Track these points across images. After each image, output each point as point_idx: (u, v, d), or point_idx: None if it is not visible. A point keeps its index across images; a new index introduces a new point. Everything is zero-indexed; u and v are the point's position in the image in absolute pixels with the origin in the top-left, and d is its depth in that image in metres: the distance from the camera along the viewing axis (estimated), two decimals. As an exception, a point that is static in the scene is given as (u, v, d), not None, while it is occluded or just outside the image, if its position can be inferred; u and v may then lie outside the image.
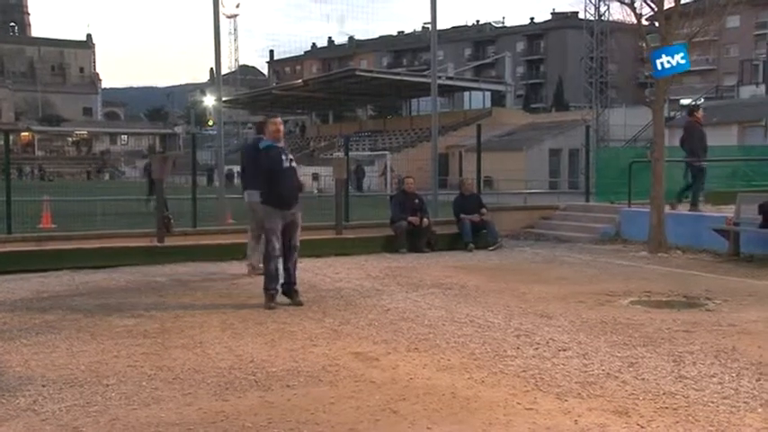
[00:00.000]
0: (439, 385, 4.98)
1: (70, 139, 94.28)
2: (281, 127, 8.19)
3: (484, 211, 13.49)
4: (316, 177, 40.60)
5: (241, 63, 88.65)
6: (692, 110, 12.19)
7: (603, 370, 5.30)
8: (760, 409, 4.44)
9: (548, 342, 6.14)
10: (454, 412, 4.44)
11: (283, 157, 7.87)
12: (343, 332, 6.62)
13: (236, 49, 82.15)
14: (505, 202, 18.06)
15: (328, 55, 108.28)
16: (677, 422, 4.22)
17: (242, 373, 5.29)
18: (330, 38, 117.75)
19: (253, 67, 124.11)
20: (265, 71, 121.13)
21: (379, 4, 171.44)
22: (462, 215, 13.30)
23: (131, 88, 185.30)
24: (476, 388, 4.92)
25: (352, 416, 4.40)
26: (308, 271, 10.30)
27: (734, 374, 5.15)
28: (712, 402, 4.56)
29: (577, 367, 5.37)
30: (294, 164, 8.02)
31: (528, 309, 7.58)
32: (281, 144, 8.11)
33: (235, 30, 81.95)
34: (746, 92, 41.41)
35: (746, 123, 29.81)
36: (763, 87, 38.58)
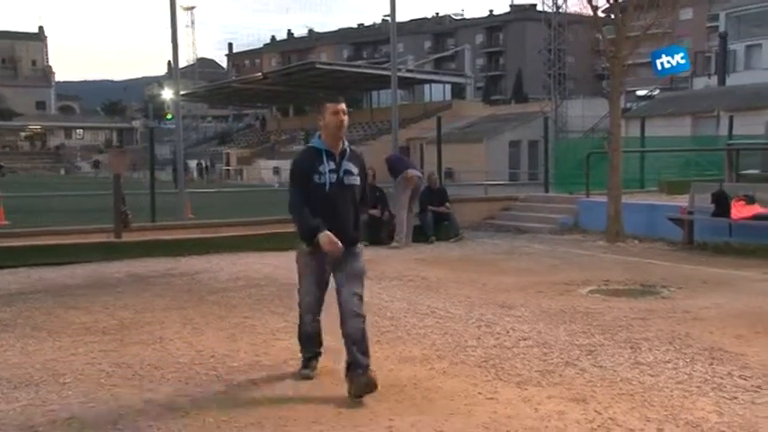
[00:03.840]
0: (401, 377, 5.01)
1: (23, 133, 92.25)
2: (344, 116, 4.66)
3: (448, 204, 13.63)
4: (277, 171, 40.41)
5: (199, 56, 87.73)
6: None
7: (563, 358, 5.38)
8: (711, 393, 4.55)
9: (508, 332, 6.20)
10: (416, 403, 4.47)
11: (323, 168, 4.63)
12: (304, 326, 6.60)
13: (194, 42, 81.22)
14: (466, 194, 18.17)
15: (288, 48, 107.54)
16: (633, 408, 4.30)
17: (203, 369, 5.25)
18: (289, 30, 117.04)
19: (211, 60, 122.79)
20: (224, 64, 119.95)
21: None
22: (427, 207, 13.37)
23: (86, 82, 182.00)
24: (437, 378, 4.96)
25: (314, 409, 4.40)
26: (270, 265, 10.25)
27: (688, 360, 5.27)
28: (667, 387, 4.66)
29: (537, 356, 5.44)
30: (355, 178, 4.71)
31: (489, 299, 7.65)
32: (340, 144, 4.72)
33: (192, 22, 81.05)
34: (700, 83, 42.23)
35: (700, 114, 30.37)
36: (715, 79, 39.34)
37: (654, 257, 10.55)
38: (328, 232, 4.52)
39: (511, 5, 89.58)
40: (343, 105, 4.65)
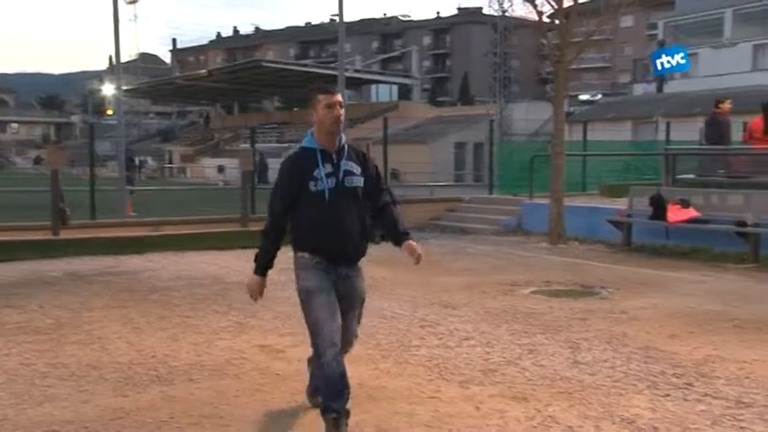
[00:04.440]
0: (344, 376, 5.00)
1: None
2: (340, 110, 3.88)
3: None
4: (221, 169, 39.94)
5: (142, 51, 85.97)
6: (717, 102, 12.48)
7: (504, 358, 5.45)
8: (646, 391, 4.67)
9: (452, 332, 6.26)
10: (360, 402, 4.47)
11: (319, 173, 3.80)
12: (248, 325, 6.55)
13: (137, 36, 79.67)
14: (412, 195, 18.26)
15: (234, 45, 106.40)
16: (572, 405, 4.39)
17: (143, 369, 5.17)
18: (235, 28, 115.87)
19: (154, 56, 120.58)
20: (168, 60, 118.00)
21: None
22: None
23: (22, 74, 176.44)
24: (381, 378, 4.98)
25: (256, 408, 4.37)
26: (213, 264, 10.14)
27: (624, 359, 5.40)
28: (604, 386, 4.76)
29: (480, 355, 5.50)
30: (358, 178, 3.89)
31: (433, 299, 7.71)
32: (336, 142, 3.89)
33: (135, 16, 79.48)
34: (640, 89, 43.27)
35: (639, 120, 31.14)
36: (654, 85, 40.35)
37: (594, 259, 10.77)
38: (258, 279, 4.04)
39: (458, 8, 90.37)
40: (339, 97, 3.89)
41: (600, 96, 49.51)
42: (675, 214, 10.83)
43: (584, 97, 53.62)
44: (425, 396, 4.59)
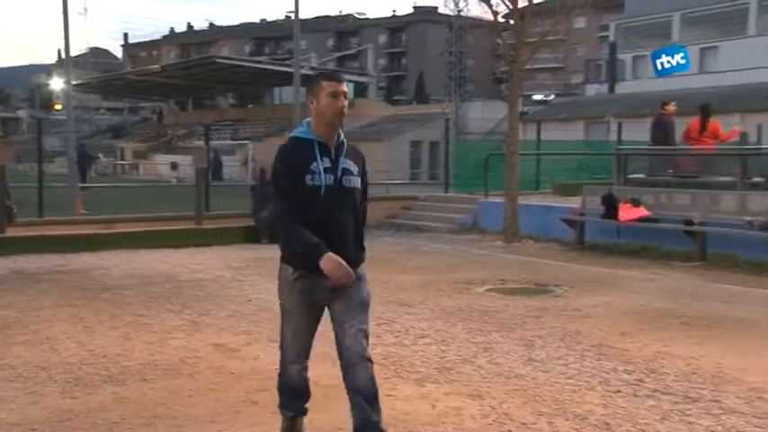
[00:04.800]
0: (300, 375, 4.98)
1: None
2: (345, 101, 3.50)
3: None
4: (174, 166, 39.38)
5: (92, 45, 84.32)
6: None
7: (460, 355, 5.48)
8: (598, 387, 4.75)
9: (407, 330, 6.28)
10: (316, 401, 4.44)
11: (317, 166, 3.41)
12: (202, 323, 6.48)
13: (87, 30, 78.14)
14: (368, 193, 18.25)
15: (187, 41, 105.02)
16: (526, 402, 4.44)
17: (94, 369, 5.07)
18: (189, 23, 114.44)
19: (105, 50, 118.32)
20: (119, 54, 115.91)
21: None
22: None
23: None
24: (337, 377, 4.95)
25: (211, 408, 4.32)
26: (167, 262, 10.00)
27: (577, 356, 5.48)
28: (558, 383, 4.83)
29: (436, 353, 5.52)
30: (356, 179, 3.53)
31: (389, 297, 7.72)
32: (335, 136, 3.52)
33: (85, 9, 77.93)
34: (592, 90, 43.95)
35: (591, 120, 31.63)
36: (606, 86, 41.03)
37: (547, 257, 10.91)
38: (334, 254, 3.29)
39: (414, 7, 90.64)
40: (345, 86, 3.46)
41: (553, 96, 50.14)
42: (626, 213, 11.03)
43: (537, 97, 54.19)
44: (382, 394, 4.55)
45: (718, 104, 19.79)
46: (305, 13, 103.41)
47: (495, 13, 12.96)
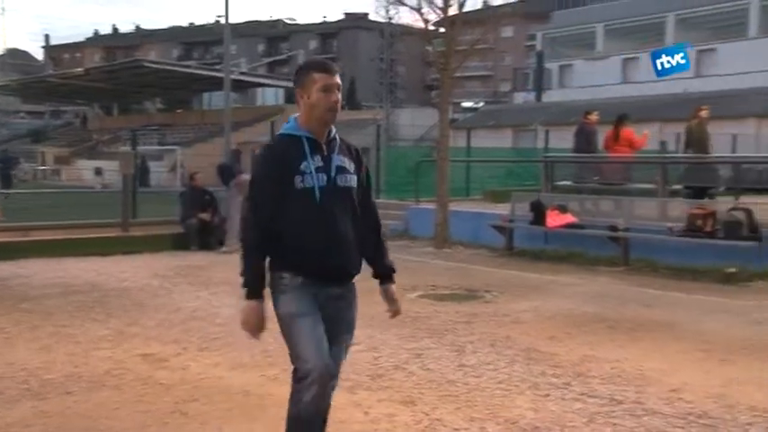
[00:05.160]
0: (231, 384, 4.91)
1: None
2: (338, 94, 3.18)
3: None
4: (99, 172, 38.35)
5: (10, 46, 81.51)
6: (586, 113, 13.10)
7: (392, 362, 5.50)
8: (528, 392, 4.83)
9: (339, 337, 6.25)
10: (247, 411, 4.40)
11: (307, 165, 3.07)
12: (129, 333, 6.32)
13: (4, 31, 75.35)
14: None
15: (112, 43, 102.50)
16: (458, 408, 4.48)
17: (13, 383, 4.88)
18: (114, 25, 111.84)
19: (24, 52, 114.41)
20: (40, 57, 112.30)
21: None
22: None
23: None
24: (268, 385, 4.91)
25: (138, 420, 4.22)
26: (92, 270, 9.72)
27: (508, 361, 5.56)
28: (488, 388, 4.89)
29: (368, 361, 5.52)
30: (352, 177, 3.19)
31: (320, 304, 7.67)
32: (326, 132, 3.19)
33: (3, 9, 75.23)
34: (520, 98, 44.85)
35: (519, 128, 32.24)
36: (533, 94, 41.93)
37: (478, 263, 11.05)
38: (255, 305, 3.07)
39: (345, 13, 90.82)
40: (338, 79, 3.13)
41: (482, 104, 50.98)
42: (554, 219, 11.27)
43: (467, 104, 54.99)
44: (314, 403, 4.56)
45: (640, 114, 20.49)
46: (235, 18, 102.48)
47: (427, 21, 13.09)
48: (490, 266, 10.70)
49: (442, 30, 13.39)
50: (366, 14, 75.46)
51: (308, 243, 3.02)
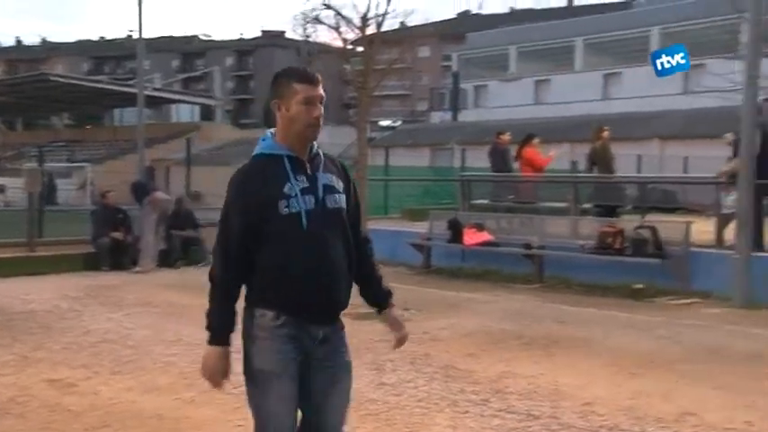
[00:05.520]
0: (145, 408, 4.77)
1: None
2: (321, 108, 2.76)
3: (196, 228, 13.31)
4: (2, 189, 36.77)
5: None
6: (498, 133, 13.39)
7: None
8: (447, 409, 4.87)
9: (257, 357, 6.15)
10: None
11: (291, 188, 2.67)
12: (35, 358, 6.05)
13: None
14: (216, 218, 17.85)
15: (16, 56, 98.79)
16: (378, 427, 4.47)
17: None
18: (18, 38, 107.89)
19: None
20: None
21: (76, 4, 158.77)
22: (173, 231, 12.94)
23: None
24: (184, 408, 4.78)
25: (45, 450, 4.03)
26: (-6, 293, 9.28)
27: (427, 378, 5.59)
28: (408, 405, 4.90)
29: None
30: (341, 197, 2.78)
31: (239, 324, 7.54)
32: (308, 148, 2.77)
33: None
34: (436, 117, 45.55)
35: (436, 146, 32.72)
36: (450, 114, 42.67)
37: (397, 281, 10.98)
38: (220, 351, 2.72)
39: (262, 31, 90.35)
40: (321, 90, 2.74)
41: (400, 123, 51.49)
42: (471, 238, 11.45)
43: (384, 123, 55.43)
44: (232, 425, 4.47)
45: (552, 134, 21.12)
46: (148, 33, 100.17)
47: (345, 40, 13.18)
48: (408, 284, 10.75)
49: (360, 49, 13.50)
50: (283, 32, 75.23)
51: (294, 276, 2.60)
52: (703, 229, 10.53)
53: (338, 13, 12.75)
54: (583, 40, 39.78)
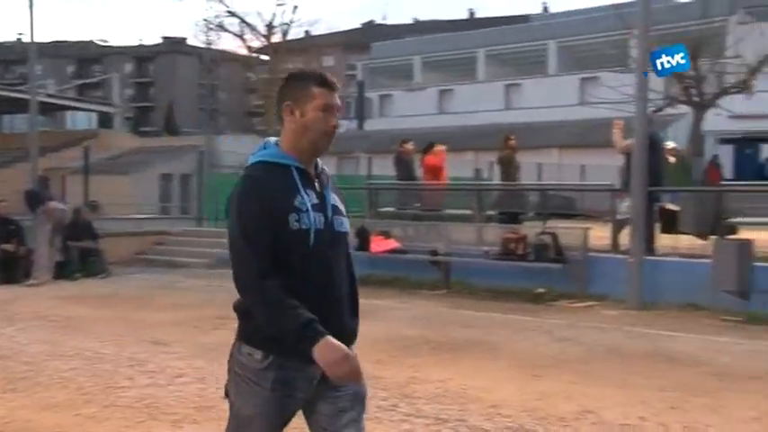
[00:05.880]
0: (42, 426, 4.58)
1: None
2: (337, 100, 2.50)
3: (95, 239, 12.88)
4: None
5: None
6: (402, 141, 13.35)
7: (220, 393, 5.33)
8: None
9: (163, 369, 6.01)
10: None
11: (302, 201, 2.37)
12: None
13: None
14: (115, 228, 17.31)
15: None
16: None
17: None
18: None
19: None
20: None
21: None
22: (70, 242, 12.48)
23: None
24: (85, 425, 4.62)
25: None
26: None
27: (337, 385, 5.58)
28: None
29: (194, 392, 5.35)
30: (346, 221, 2.55)
31: (142, 337, 7.35)
32: (314, 162, 2.49)
33: None
34: (342, 126, 45.64)
35: (343, 155, 32.80)
36: (356, 122, 42.89)
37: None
38: (334, 340, 2.27)
39: (162, 37, 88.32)
40: (337, 98, 2.48)
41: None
42: (378, 245, 11.52)
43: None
44: (136, 440, 4.35)
45: (455, 143, 21.50)
46: (41, 37, 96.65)
47: (249, 48, 13.07)
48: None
49: (265, 57, 13.42)
50: (184, 39, 73.79)
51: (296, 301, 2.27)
52: (600, 234, 10.95)
53: (243, 21, 12.69)
54: (485, 52, 40.83)
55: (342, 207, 2.49)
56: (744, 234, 9.82)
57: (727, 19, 22.31)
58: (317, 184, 2.43)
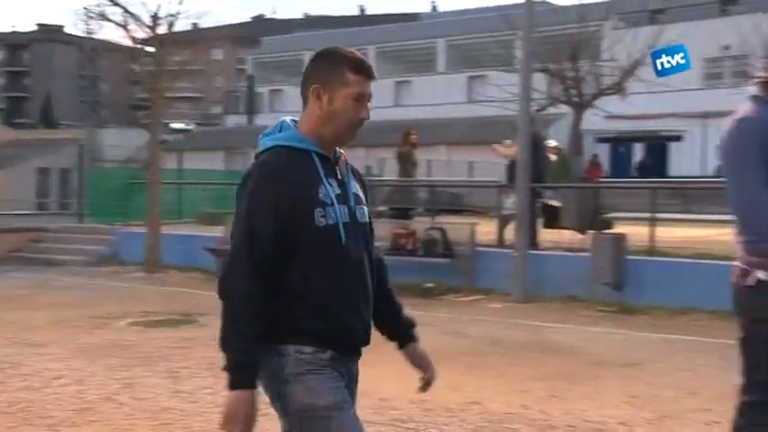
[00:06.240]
0: None
1: None
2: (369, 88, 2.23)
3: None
4: None
5: None
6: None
7: (100, 394, 5.18)
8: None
9: (38, 372, 5.75)
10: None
11: (326, 193, 2.18)
12: None
13: None
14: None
15: None
16: (174, 436, 4.34)
17: None
18: None
19: None
20: None
21: None
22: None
23: None
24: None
25: None
26: None
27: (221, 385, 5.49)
28: (206, 412, 4.80)
29: (72, 395, 5.15)
30: (366, 212, 2.31)
31: (15, 338, 7.00)
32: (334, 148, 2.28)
33: None
34: (232, 121, 44.94)
35: (231, 150, 32.28)
36: (245, 117, 42.29)
37: (192, 287, 10.82)
38: (247, 396, 2.16)
39: (37, 24, 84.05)
40: (371, 87, 2.23)
41: (193, 126, 50.20)
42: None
43: (176, 126, 53.77)
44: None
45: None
46: None
47: (134, 39, 12.63)
48: (205, 290, 10.49)
49: (150, 49, 13.02)
50: (62, 27, 70.52)
51: (338, 302, 2.15)
52: (487, 229, 11.26)
53: (126, 11, 12.17)
54: (375, 48, 41.08)
55: (362, 195, 2.30)
56: (618, 228, 10.32)
57: (602, 24, 23.37)
58: (337, 170, 2.24)
